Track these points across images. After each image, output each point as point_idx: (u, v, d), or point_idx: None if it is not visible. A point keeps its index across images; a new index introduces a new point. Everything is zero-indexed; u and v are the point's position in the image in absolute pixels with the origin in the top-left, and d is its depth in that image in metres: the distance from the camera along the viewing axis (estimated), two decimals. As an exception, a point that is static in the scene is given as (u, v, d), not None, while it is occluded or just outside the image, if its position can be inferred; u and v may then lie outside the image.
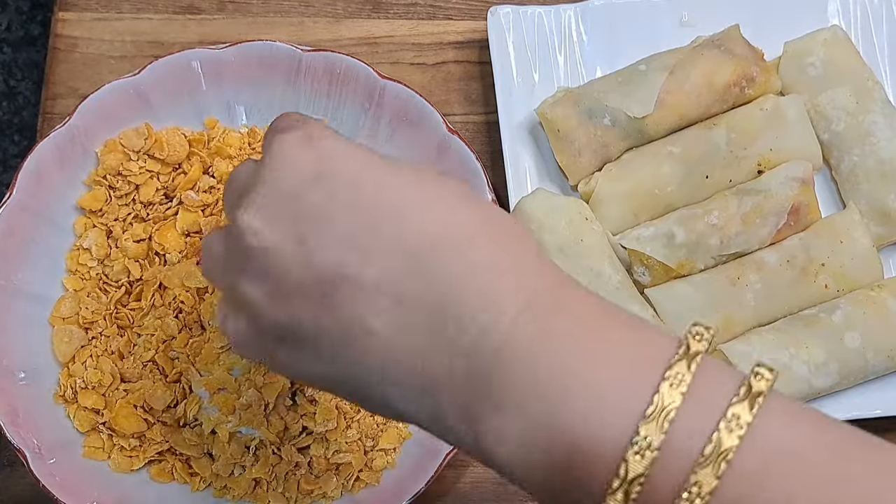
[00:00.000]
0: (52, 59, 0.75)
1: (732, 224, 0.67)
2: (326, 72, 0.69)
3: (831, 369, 0.65)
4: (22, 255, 0.65)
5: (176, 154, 0.68)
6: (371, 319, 0.41)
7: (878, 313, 0.66)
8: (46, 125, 0.73)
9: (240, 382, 0.64)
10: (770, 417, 0.37)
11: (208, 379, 0.64)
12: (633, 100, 0.69)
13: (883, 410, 0.67)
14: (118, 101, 0.67)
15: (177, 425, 0.65)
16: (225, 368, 0.65)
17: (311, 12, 0.77)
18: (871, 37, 0.75)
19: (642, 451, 0.36)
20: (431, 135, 0.69)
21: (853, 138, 0.70)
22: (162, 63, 0.68)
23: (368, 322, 0.41)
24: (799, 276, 0.67)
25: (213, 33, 0.75)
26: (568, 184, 0.70)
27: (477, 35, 0.76)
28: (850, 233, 0.68)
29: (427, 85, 0.75)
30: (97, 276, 0.67)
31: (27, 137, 1.30)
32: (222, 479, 0.64)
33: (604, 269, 0.66)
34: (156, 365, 0.66)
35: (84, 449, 0.64)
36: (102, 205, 0.68)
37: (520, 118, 0.72)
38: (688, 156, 0.69)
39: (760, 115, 0.69)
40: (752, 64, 0.70)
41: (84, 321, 0.66)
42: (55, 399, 0.65)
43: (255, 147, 0.70)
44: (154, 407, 0.65)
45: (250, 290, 0.43)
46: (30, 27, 1.34)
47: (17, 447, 0.61)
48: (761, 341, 0.65)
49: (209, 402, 0.65)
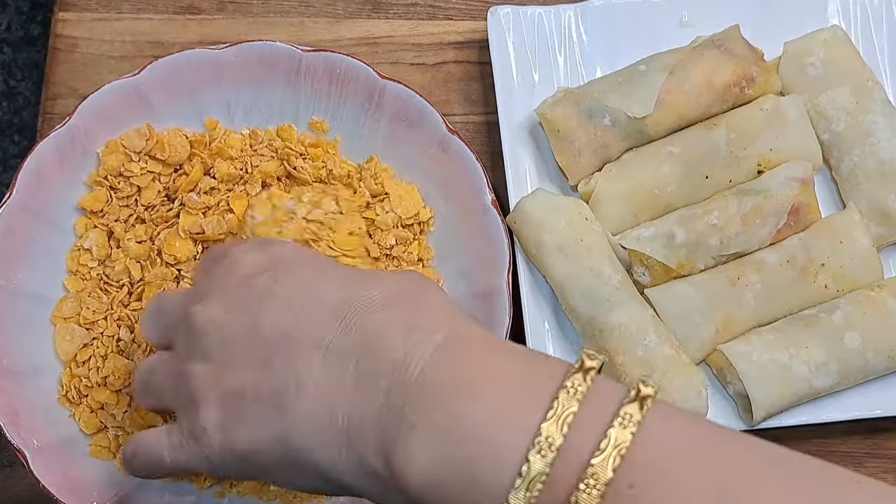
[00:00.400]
0: (52, 60, 0.75)
1: (732, 224, 0.67)
2: (326, 72, 0.69)
3: (831, 369, 0.65)
4: (22, 255, 0.65)
5: (177, 155, 0.68)
6: (304, 371, 0.45)
7: (878, 313, 0.66)
8: (46, 125, 0.73)
9: None
10: (658, 415, 0.41)
11: None
12: (633, 100, 0.69)
13: (883, 410, 0.67)
14: (118, 101, 0.67)
15: None
16: None
17: (311, 12, 0.77)
18: (871, 37, 0.75)
19: (543, 449, 0.39)
20: (431, 135, 0.69)
21: (853, 138, 0.70)
22: (162, 63, 0.68)
23: (304, 378, 0.45)
24: (799, 276, 0.67)
25: (213, 33, 0.75)
26: (568, 184, 0.70)
27: (477, 35, 0.76)
28: (850, 233, 0.68)
29: (427, 85, 0.75)
30: (98, 277, 0.67)
31: (27, 137, 1.30)
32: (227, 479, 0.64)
33: (604, 269, 0.66)
34: None
35: (91, 448, 0.64)
36: (103, 205, 0.68)
37: (520, 118, 0.72)
38: (688, 156, 0.69)
39: (760, 116, 0.69)
40: (752, 64, 0.70)
41: (85, 321, 0.66)
42: (60, 400, 0.65)
43: (255, 149, 0.70)
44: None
45: (194, 369, 0.49)
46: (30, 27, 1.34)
47: (17, 447, 0.61)
48: (761, 341, 0.65)
49: None
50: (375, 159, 0.70)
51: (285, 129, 0.71)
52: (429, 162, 0.69)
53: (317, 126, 0.71)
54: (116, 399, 0.65)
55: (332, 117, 0.71)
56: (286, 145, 0.70)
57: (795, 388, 0.65)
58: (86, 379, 0.65)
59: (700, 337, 0.66)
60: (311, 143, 0.70)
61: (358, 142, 0.71)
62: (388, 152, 0.70)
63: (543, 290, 0.69)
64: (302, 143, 0.70)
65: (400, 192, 0.69)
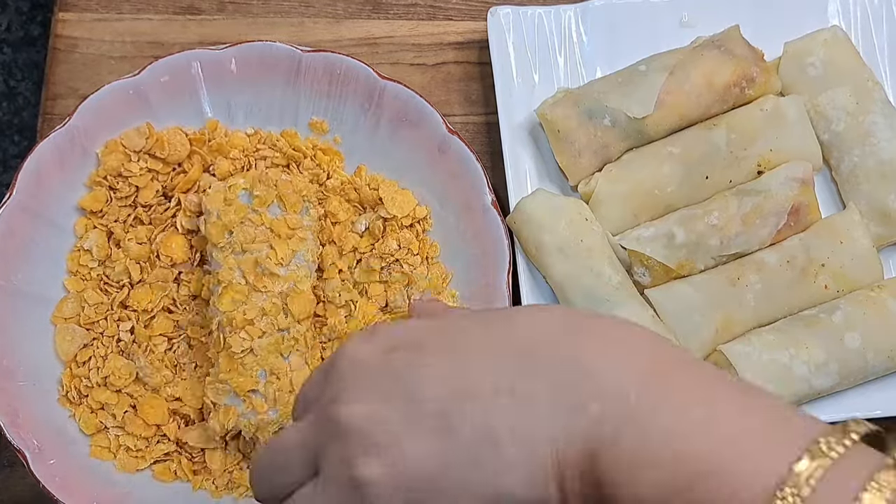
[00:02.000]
0: (52, 60, 0.75)
1: (732, 224, 0.67)
2: (326, 72, 0.69)
3: (831, 370, 0.65)
4: (22, 255, 0.65)
5: (177, 153, 0.68)
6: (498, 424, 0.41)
7: (878, 314, 0.66)
8: (46, 126, 0.73)
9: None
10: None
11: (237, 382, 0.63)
12: (633, 100, 0.69)
13: (883, 411, 0.67)
14: (118, 101, 0.67)
15: (217, 439, 0.65)
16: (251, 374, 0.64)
17: (311, 13, 0.77)
18: (871, 37, 0.75)
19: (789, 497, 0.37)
20: (431, 135, 0.69)
21: (853, 139, 0.70)
22: (162, 63, 0.68)
23: (497, 429, 0.41)
24: (799, 276, 0.67)
25: (213, 34, 0.75)
26: (568, 184, 0.70)
27: (477, 35, 0.76)
28: (850, 233, 0.68)
29: (427, 85, 0.75)
30: (98, 277, 0.67)
31: (27, 138, 1.31)
32: (225, 476, 0.64)
33: (604, 269, 0.66)
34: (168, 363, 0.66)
35: (91, 448, 0.64)
36: (103, 206, 0.68)
37: (520, 119, 0.72)
38: (688, 156, 0.69)
39: (760, 116, 0.69)
40: (752, 64, 0.70)
41: (86, 321, 0.66)
42: (60, 401, 0.65)
43: (258, 149, 0.70)
44: (185, 402, 0.65)
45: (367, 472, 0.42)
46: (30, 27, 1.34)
47: (17, 447, 0.61)
48: (761, 342, 0.65)
49: (245, 408, 0.63)
50: (363, 168, 0.70)
51: (290, 133, 0.71)
52: (429, 162, 0.69)
53: (317, 126, 0.71)
54: (116, 399, 0.65)
55: (332, 117, 0.71)
56: (292, 143, 0.70)
57: (795, 389, 0.65)
58: (86, 379, 0.65)
59: (700, 337, 0.66)
60: (321, 147, 0.71)
61: (358, 142, 0.71)
62: (387, 152, 0.71)
63: (543, 291, 0.69)
64: (310, 144, 0.70)
65: (392, 193, 0.69)
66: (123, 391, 0.65)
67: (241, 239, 0.64)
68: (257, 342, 0.62)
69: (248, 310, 0.63)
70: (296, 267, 0.64)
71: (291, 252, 0.64)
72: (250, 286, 0.63)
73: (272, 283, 0.63)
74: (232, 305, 0.63)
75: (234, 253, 0.64)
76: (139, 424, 0.65)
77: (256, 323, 0.63)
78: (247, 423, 0.63)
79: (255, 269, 0.63)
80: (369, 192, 0.69)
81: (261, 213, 0.65)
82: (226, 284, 0.63)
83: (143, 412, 0.65)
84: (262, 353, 0.62)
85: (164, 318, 0.67)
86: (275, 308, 0.63)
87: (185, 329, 0.67)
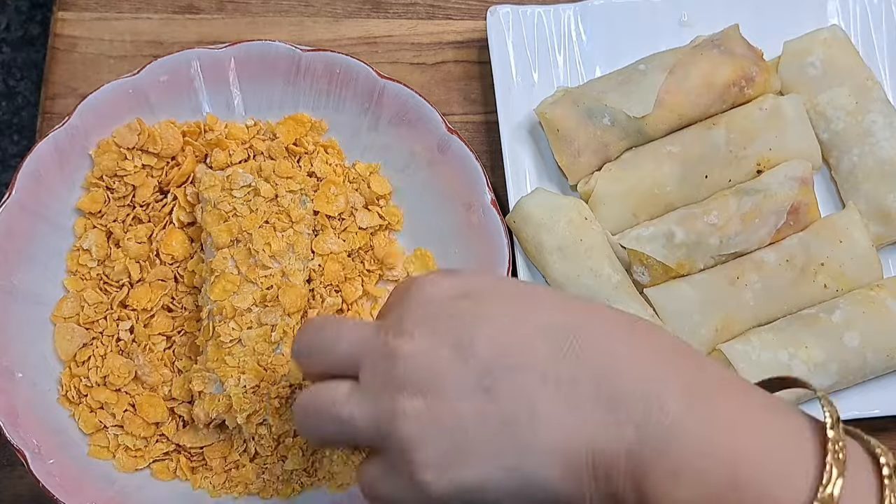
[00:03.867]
0: (52, 59, 0.75)
1: (732, 224, 0.67)
2: (326, 72, 0.69)
3: (830, 369, 0.65)
4: (22, 255, 0.65)
5: (170, 147, 0.68)
6: (538, 402, 0.43)
7: (877, 313, 0.66)
8: (46, 125, 0.73)
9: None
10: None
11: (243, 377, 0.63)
12: (633, 99, 0.69)
13: (882, 410, 0.67)
14: (117, 101, 0.67)
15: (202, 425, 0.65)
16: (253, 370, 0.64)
17: (311, 12, 0.77)
18: (870, 37, 0.75)
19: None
20: (431, 134, 0.69)
21: (852, 138, 0.70)
22: (161, 63, 0.68)
23: (537, 405, 0.43)
24: (798, 275, 0.67)
25: (213, 33, 0.75)
26: (567, 184, 0.70)
27: (476, 35, 0.76)
28: (849, 232, 0.68)
29: (426, 85, 0.75)
30: (97, 277, 0.67)
31: (26, 137, 1.30)
32: (223, 475, 0.64)
33: (603, 269, 0.66)
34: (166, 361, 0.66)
35: (89, 448, 0.64)
36: (101, 206, 0.68)
37: (519, 118, 0.72)
38: (687, 155, 0.69)
39: (760, 115, 0.69)
40: (751, 64, 0.70)
41: (85, 320, 0.66)
42: (59, 400, 0.65)
43: (255, 139, 0.70)
44: (184, 401, 0.65)
45: (410, 405, 0.44)
46: (29, 27, 1.34)
47: (16, 447, 0.61)
48: (761, 341, 0.65)
49: (240, 404, 0.63)
50: (358, 164, 0.71)
51: (297, 118, 0.71)
52: (428, 161, 0.69)
53: (317, 126, 0.71)
54: (116, 399, 0.65)
55: (332, 117, 0.71)
56: (297, 132, 0.70)
57: (794, 388, 0.64)
58: (85, 379, 0.65)
59: (700, 336, 0.66)
60: (324, 144, 0.71)
61: (358, 142, 0.71)
62: (387, 151, 0.71)
63: (543, 290, 0.69)
64: (311, 140, 0.71)
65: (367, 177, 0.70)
66: (122, 390, 0.65)
67: (236, 229, 0.64)
68: (246, 333, 0.62)
69: (239, 300, 0.63)
70: (289, 260, 0.64)
71: (286, 245, 0.64)
72: (243, 276, 0.63)
73: (265, 274, 0.63)
74: (223, 295, 0.63)
75: (228, 242, 0.64)
76: (138, 424, 0.65)
77: (246, 314, 0.63)
78: (229, 414, 0.62)
79: (248, 260, 0.64)
80: (368, 191, 0.70)
81: (257, 204, 0.65)
82: (218, 273, 0.63)
83: (142, 411, 0.65)
84: (250, 344, 0.62)
85: (164, 317, 0.67)
86: (266, 300, 0.63)
87: (183, 326, 0.67)
